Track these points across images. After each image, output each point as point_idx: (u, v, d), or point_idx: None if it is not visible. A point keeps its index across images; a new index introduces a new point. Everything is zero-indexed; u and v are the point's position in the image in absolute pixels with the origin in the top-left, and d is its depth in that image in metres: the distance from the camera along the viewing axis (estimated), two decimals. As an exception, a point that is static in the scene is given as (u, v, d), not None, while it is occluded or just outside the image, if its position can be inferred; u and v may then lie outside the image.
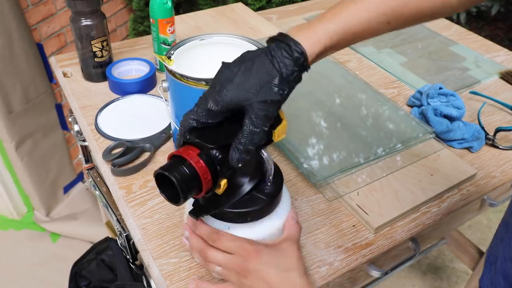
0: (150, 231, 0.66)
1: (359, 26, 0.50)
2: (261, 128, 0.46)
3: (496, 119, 0.94)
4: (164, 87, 0.70)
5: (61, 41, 1.61)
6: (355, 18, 0.50)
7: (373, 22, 0.50)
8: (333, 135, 0.83)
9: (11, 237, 1.68)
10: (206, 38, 0.74)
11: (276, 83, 0.46)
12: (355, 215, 0.71)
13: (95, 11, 0.90)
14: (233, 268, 0.52)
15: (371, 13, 0.50)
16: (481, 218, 1.84)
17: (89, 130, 0.85)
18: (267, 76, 0.46)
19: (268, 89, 0.46)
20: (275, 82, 0.46)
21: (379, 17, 0.50)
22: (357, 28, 0.50)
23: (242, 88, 0.46)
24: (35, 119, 1.55)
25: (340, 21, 0.49)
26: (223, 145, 0.47)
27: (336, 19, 0.49)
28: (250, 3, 1.78)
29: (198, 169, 0.45)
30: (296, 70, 0.47)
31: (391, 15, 0.51)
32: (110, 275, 1.05)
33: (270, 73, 0.46)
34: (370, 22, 0.50)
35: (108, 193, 0.88)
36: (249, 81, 0.46)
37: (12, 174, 1.60)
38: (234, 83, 0.46)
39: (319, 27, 0.49)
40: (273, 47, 0.47)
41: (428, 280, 1.63)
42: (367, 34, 0.52)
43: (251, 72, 0.46)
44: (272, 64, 0.46)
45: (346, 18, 0.50)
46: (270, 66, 0.46)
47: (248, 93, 0.46)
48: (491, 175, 0.80)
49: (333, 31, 0.49)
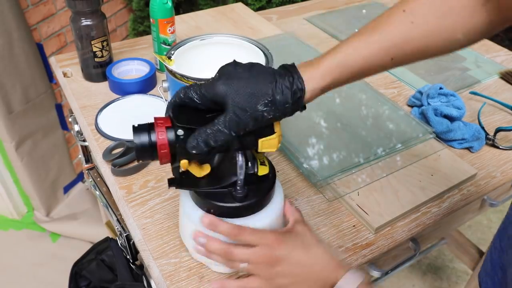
0: (150, 231, 0.66)
1: (363, 61, 0.50)
2: (228, 132, 0.48)
3: (496, 119, 0.94)
4: (164, 87, 0.70)
5: (61, 41, 1.61)
6: (360, 54, 0.50)
7: (376, 58, 0.50)
8: (333, 135, 0.83)
9: (11, 237, 1.68)
10: (206, 38, 0.74)
11: (265, 102, 0.47)
12: (355, 215, 0.71)
13: (95, 11, 0.90)
14: (261, 259, 0.52)
15: (374, 50, 0.50)
16: (481, 218, 1.84)
17: (89, 130, 0.84)
18: (261, 93, 0.47)
19: (254, 103, 0.47)
20: (264, 101, 0.47)
21: (382, 53, 0.50)
22: (360, 63, 0.50)
23: (234, 88, 0.47)
24: (35, 119, 1.55)
25: (344, 57, 0.50)
26: (190, 128, 0.49)
27: (340, 56, 0.50)
28: (250, 3, 1.78)
29: (158, 140, 0.49)
30: (289, 103, 0.48)
31: (395, 52, 0.50)
32: (110, 275, 1.05)
33: (266, 92, 0.47)
34: (374, 58, 0.50)
35: (108, 193, 0.88)
36: (245, 87, 0.48)
37: (12, 174, 1.60)
38: (232, 80, 0.48)
39: (324, 63, 0.50)
40: (281, 73, 0.49)
41: (428, 280, 1.63)
42: (373, 70, 0.52)
43: (250, 80, 0.48)
44: (271, 85, 0.48)
45: (350, 54, 0.50)
46: (269, 86, 0.48)
47: (236, 95, 0.47)
48: (491, 175, 0.80)
49: (336, 66, 0.50)
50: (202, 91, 0.49)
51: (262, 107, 0.47)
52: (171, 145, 0.49)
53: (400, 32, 0.50)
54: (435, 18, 0.49)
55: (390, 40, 0.50)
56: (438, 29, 0.50)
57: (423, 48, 0.51)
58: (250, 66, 0.50)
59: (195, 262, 0.62)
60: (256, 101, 0.47)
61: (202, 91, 0.49)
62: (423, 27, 0.50)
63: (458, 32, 0.50)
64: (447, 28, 0.50)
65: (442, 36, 0.50)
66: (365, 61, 0.51)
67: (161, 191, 0.73)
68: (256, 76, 0.48)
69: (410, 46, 0.50)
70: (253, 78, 0.48)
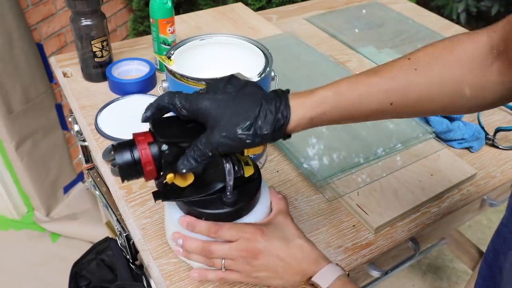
0: (150, 231, 0.66)
1: (359, 98, 0.47)
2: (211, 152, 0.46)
3: (496, 119, 0.94)
4: (164, 87, 0.70)
5: (61, 41, 1.61)
6: (356, 90, 0.47)
7: (374, 98, 0.47)
8: (333, 135, 0.83)
9: (11, 237, 1.68)
10: (206, 38, 0.74)
11: (245, 126, 0.45)
12: (355, 215, 0.71)
13: (95, 11, 0.90)
14: (240, 254, 0.52)
15: (372, 89, 0.48)
16: (481, 218, 1.84)
17: (89, 130, 0.84)
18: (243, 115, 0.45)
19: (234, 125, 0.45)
20: (244, 124, 0.45)
21: (381, 95, 0.47)
22: (356, 100, 0.47)
23: (217, 104, 0.46)
24: (35, 119, 1.55)
25: (338, 90, 0.48)
26: (174, 142, 0.47)
27: (335, 88, 0.48)
28: (250, 3, 1.78)
29: (142, 157, 0.47)
30: (269, 131, 0.46)
31: (395, 97, 0.47)
32: (110, 275, 1.05)
33: (248, 115, 0.45)
34: (371, 98, 0.48)
35: (108, 193, 0.88)
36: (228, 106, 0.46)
37: (12, 174, 1.60)
38: (216, 95, 0.47)
39: (318, 92, 0.48)
40: (270, 97, 0.47)
41: (428, 280, 1.63)
42: (369, 112, 0.49)
43: (236, 100, 0.46)
44: (255, 108, 0.46)
45: (345, 89, 0.48)
46: (253, 109, 0.46)
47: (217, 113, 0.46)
48: (491, 175, 0.80)
49: (329, 97, 0.47)
50: (186, 103, 0.47)
51: (240, 130, 0.45)
52: (156, 161, 0.47)
53: (402, 76, 0.47)
54: (440, 67, 0.47)
55: (390, 83, 0.47)
56: (442, 79, 0.47)
57: (425, 97, 0.48)
58: (243, 85, 0.48)
59: (195, 262, 0.62)
60: (236, 122, 0.45)
61: (186, 103, 0.47)
62: (427, 74, 0.47)
63: (465, 86, 0.47)
64: (452, 80, 0.47)
65: (446, 87, 0.47)
66: (361, 99, 0.47)
67: (161, 191, 0.73)
68: (243, 96, 0.47)
69: (413, 94, 0.47)
70: (240, 98, 0.46)
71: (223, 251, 0.53)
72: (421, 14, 1.35)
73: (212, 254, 0.53)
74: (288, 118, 0.46)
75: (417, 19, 1.29)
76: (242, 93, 0.47)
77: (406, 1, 1.43)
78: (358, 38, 1.19)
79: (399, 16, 1.31)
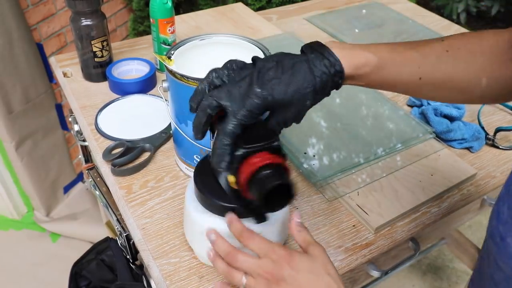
0: (150, 231, 0.66)
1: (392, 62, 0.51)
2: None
3: (496, 119, 0.94)
4: (164, 87, 0.70)
5: (61, 41, 1.61)
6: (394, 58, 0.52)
7: (407, 69, 0.52)
8: (333, 135, 0.83)
9: (11, 237, 1.68)
10: (206, 38, 0.74)
11: (310, 90, 0.49)
12: (355, 215, 0.71)
13: (95, 11, 0.90)
14: (263, 274, 0.48)
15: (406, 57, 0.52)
16: (481, 218, 1.84)
17: (89, 130, 0.85)
18: (304, 84, 0.48)
19: (302, 96, 0.48)
20: (309, 90, 0.48)
21: (413, 68, 0.51)
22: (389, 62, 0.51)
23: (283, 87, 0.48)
24: (35, 119, 1.55)
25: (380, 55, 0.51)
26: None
27: (378, 52, 0.52)
28: (250, 3, 1.78)
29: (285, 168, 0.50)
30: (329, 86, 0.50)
31: (424, 72, 0.51)
32: (110, 275, 1.05)
33: (309, 81, 0.48)
34: (404, 68, 0.52)
35: (108, 193, 0.88)
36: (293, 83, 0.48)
37: (12, 174, 1.60)
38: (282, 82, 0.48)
39: (361, 55, 0.51)
40: (313, 58, 0.49)
41: (428, 280, 1.63)
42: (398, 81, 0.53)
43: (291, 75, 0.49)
44: (312, 74, 0.49)
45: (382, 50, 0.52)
46: (310, 76, 0.49)
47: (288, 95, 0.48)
48: (491, 175, 0.80)
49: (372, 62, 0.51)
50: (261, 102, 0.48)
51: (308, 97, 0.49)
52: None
53: (434, 55, 0.52)
54: (467, 53, 0.52)
55: (423, 59, 0.51)
56: (467, 64, 0.52)
57: (448, 79, 0.52)
58: (278, 60, 0.50)
59: (195, 262, 0.62)
60: (301, 93, 0.49)
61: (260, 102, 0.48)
62: (456, 58, 0.52)
63: (482, 76, 0.51)
64: (475, 67, 0.52)
65: (467, 72, 0.52)
66: (396, 68, 0.51)
67: (160, 191, 0.73)
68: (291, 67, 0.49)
69: (439, 73, 0.52)
70: (289, 71, 0.49)
71: (247, 263, 0.49)
72: (421, 14, 1.36)
73: (236, 262, 0.50)
74: (343, 71, 0.50)
75: (417, 19, 1.29)
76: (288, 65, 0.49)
77: (406, 1, 1.43)
78: (358, 38, 1.19)
79: (399, 16, 1.31)
